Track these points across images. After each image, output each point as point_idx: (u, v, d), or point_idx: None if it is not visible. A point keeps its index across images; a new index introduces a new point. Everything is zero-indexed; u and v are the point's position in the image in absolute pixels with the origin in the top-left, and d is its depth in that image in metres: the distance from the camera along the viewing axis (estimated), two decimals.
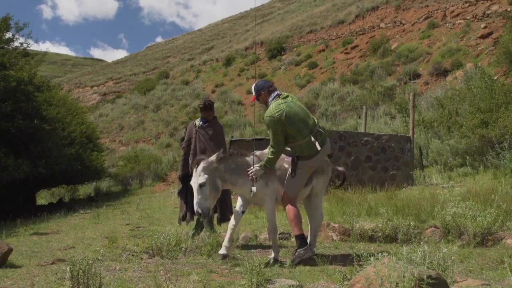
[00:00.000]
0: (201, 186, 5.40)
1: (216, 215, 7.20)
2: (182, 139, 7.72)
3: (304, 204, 6.25)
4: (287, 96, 5.64)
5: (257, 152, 5.84)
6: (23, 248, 6.61)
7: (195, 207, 5.39)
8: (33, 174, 14.32)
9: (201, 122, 7.47)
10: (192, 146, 7.35)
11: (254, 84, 5.85)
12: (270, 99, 5.63)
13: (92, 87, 78.21)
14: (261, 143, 20.88)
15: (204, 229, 6.93)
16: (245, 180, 5.60)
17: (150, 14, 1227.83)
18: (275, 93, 5.67)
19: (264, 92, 5.68)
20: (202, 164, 5.49)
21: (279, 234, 7.21)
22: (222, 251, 5.58)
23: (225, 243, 5.61)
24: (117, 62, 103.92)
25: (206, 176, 5.42)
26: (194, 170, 5.50)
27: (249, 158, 5.72)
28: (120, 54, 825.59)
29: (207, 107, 7.42)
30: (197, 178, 5.43)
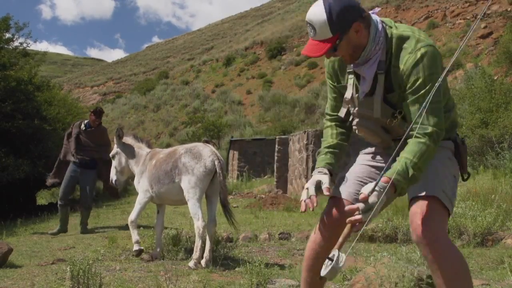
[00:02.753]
0: (112, 157, 6.10)
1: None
2: (69, 134, 8.44)
3: None
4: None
5: (156, 149, 6.07)
6: (23, 248, 6.61)
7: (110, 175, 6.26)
8: (33, 174, 14.29)
9: (85, 127, 8.32)
10: (71, 143, 8.27)
11: (323, 9, 2.35)
12: (374, 31, 2.48)
13: (92, 87, 78.25)
14: (260, 143, 20.94)
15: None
16: (136, 170, 6.00)
17: (146, 14, 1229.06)
18: (376, 19, 2.54)
19: (359, 23, 2.42)
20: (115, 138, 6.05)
21: (279, 234, 7.21)
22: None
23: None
24: (117, 62, 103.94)
25: (116, 149, 6.05)
26: None
27: (144, 152, 6.00)
28: (117, 53, 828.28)
29: (96, 113, 8.30)
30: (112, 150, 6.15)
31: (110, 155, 6.15)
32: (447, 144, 2.65)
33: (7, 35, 16.04)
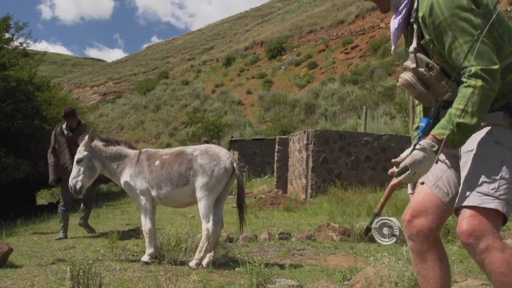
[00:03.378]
0: (78, 162, 5.60)
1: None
2: (54, 148, 7.90)
3: None
4: None
5: (149, 150, 5.87)
6: (23, 248, 6.62)
7: (70, 182, 5.62)
8: (33, 174, 14.32)
9: (68, 130, 7.87)
10: (63, 154, 7.79)
11: None
12: None
13: (92, 87, 78.29)
14: (260, 143, 20.96)
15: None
16: (121, 173, 5.65)
17: (145, 14, 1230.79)
18: None
19: None
20: (82, 141, 5.66)
21: (279, 234, 7.22)
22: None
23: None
24: (117, 62, 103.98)
25: (85, 153, 5.61)
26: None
27: (133, 153, 5.72)
28: (116, 53, 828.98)
29: (68, 115, 7.80)
30: (77, 154, 5.64)
31: (77, 159, 5.65)
32: (494, 119, 2.28)
33: (7, 35, 16.06)
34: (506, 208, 2.16)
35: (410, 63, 2.43)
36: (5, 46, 15.85)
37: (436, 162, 2.23)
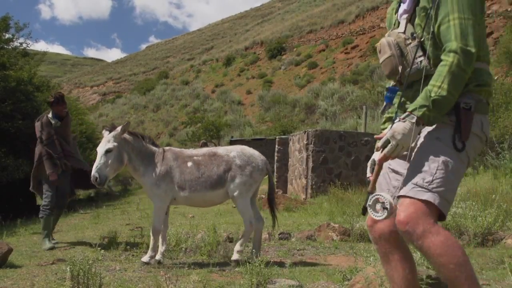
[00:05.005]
0: (107, 152, 5.29)
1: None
2: (40, 138, 7.10)
3: None
4: None
5: (173, 148, 5.81)
6: (23, 248, 6.61)
7: (93, 171, 5.21)
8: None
9: (56, 120, 7.07)
10: (52, 146, 7.04)
11: None
12: None
13: (92, 87, 78.30)
14: (260, 143, 20.95)
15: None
16: (145, 170, 5.46)
17: (143, 14, 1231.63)
18: None
19: None
20: (113, 132, 5.38)
21: (279, 234, 7.22)
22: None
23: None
24: (117, 62, 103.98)
25: (115, 144, 5.33)
26: (104, 136, 5.41)
27: (157, 150, 5.62)
28: (114, 53, 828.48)
29: (59, 101, 6.96)
30: (105, 144, 5.30)
31: (106, 148, 5.29)
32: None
33: (7, 35, 16.05)
34: (439, 200, 2.26)
35: (397, 30, 2.55)
36: (5, 46, 15.85)
37: (419, 134, 2.34)
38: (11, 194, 15.67)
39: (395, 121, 2.30)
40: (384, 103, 2.57)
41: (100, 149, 5.29)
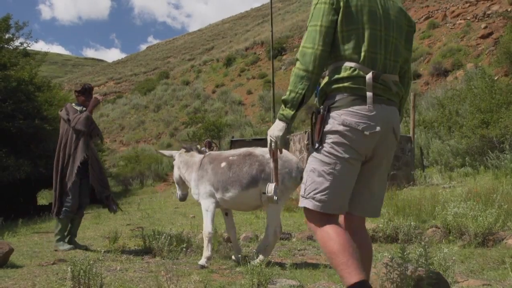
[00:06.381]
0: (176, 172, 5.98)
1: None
2: (68, 120, 6.51)
3: None
4: None
5: (212, 153, 5.83)
6: (24, 248, 6.62)
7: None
8: (34, 174, 14.33)
9: (81, 107, 6.67)
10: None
11: None
12: None
13: (92, 87, 78.17)
14: (260, 144, 20.94)
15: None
16: (189, 177, 5.67)
17: (141, 14, 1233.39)
18: None
19: None
20: (181, 151, 5.94)
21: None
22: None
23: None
24: (118, 63, 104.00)
25: (174, 164, 5.98)
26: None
27: (200, 157, 5.69)
28: (113, 53, 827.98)
29: (85, 91, 6.73)
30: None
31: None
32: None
33: (7, 35, 16.07)
34: (312, 203, 2.67)
35: None
36: (6, 46, 15.86)
37: (288, 132, 2.74)
38: (12, 194, 15.69)
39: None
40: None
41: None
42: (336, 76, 2.66)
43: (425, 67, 26.37)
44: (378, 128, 2.59)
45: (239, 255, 5.48)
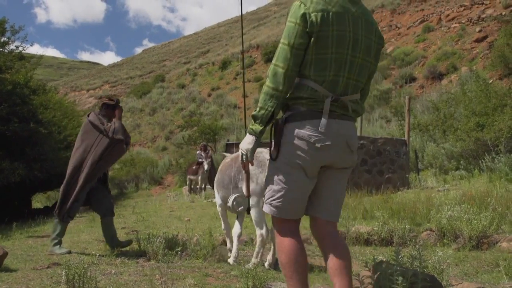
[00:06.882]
0: None
1: None
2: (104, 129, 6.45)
3: None
4: None
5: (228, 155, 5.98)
6: (19, 252, 6.59)
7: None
8: (29, 178, 14.28)
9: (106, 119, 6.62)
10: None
11: None
12: None
13: (88, 90, 78.14)
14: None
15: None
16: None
17: (136, 18, 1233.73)
18: None
19: None
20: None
21: None
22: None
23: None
24: (113, 66, 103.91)
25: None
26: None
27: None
28: (108, 56, 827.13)
29: (115, 107, 6.69)
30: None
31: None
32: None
33: (3, 39, 16.04)
34: (270, 209, 2.90)
35: None
36: (1, 49, 15.83)
37: (256, 144, 2.90)
38: (6, 198, 15.64)
39: None
40: None
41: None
42: (298, 93, 2.81)
43: (420, 70, 26.45)
44: (329, 142, 2.75)
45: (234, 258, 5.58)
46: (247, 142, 2.90)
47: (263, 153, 5.26)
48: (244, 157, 2.93)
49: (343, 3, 2.78)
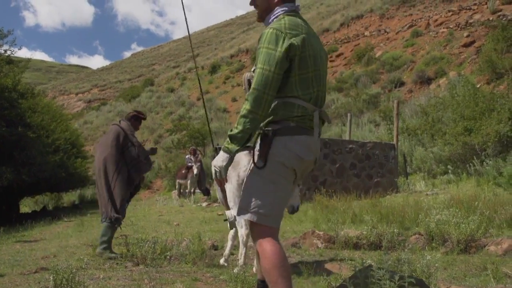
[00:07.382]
0: None
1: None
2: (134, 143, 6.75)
3: None
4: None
5: None
6: (6, 257, 6.55)
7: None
8: (17, 182, 14.18)
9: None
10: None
11: None
12: (278, 10, 3.09)
13: (77, 94, 77.82)
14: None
15: None
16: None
17: (124, 21, 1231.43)
18: (289, 5, 3.12)
19: None
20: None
21: None
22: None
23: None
24: (102, 69, 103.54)
25: None
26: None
27: None
28: (96, 60, 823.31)
29: (142, 120, 7.06)
30: None
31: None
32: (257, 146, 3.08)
33: None
34: (254, 217, 2.92)
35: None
36: None
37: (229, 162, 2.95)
38: None
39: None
40: None
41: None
42: (291, 113, 2.96)
43: (409, 75, 26.59)
44: (311, 157, 3.02)
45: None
46: (220, 159, 2.95)
47: (240, 154, 5.33)
48: (218, 174, 2.96)
49: (305, 25, 3.03)
